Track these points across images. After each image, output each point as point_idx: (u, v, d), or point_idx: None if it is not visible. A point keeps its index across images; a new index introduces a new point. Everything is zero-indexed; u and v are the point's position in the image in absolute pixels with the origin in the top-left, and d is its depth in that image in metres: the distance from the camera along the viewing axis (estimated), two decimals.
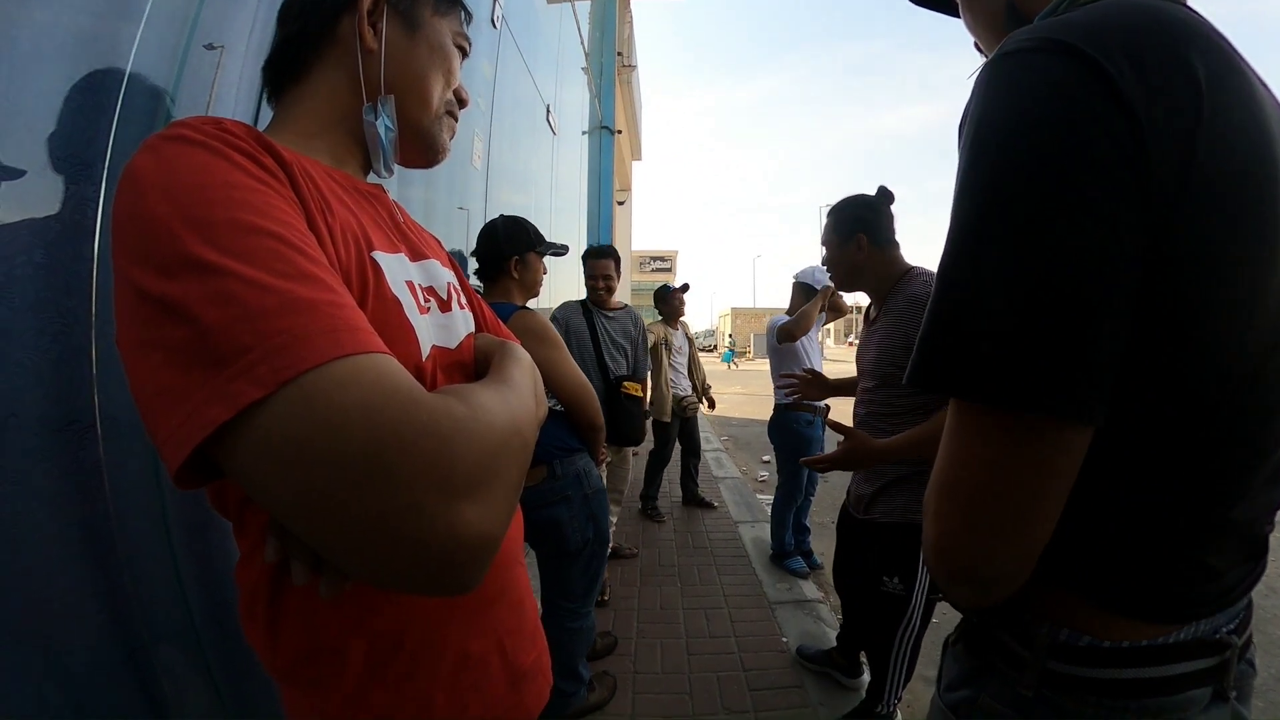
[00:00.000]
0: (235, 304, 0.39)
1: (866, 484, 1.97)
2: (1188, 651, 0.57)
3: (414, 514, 0.39)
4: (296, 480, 0.38)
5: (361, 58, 0.67)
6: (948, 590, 0.60)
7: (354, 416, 0.38)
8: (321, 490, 0.37)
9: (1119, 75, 0.47)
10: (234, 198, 0.45)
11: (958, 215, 0.53)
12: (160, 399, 0.39)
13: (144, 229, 0.42)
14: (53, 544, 0.75)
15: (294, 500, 0.38)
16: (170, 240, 0.41)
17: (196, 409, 0.37)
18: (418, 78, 0.71)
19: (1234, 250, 0.50)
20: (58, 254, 0.75)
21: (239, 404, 0.37)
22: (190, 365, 0.38)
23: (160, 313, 0.40)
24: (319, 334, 0.40)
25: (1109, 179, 0.47)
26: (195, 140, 0.47)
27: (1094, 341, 0.47)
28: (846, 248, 1.94)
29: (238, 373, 0.37)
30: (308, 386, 0.38)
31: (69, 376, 0.77)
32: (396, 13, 0.69)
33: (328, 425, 0.37)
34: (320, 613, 0.56)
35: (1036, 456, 0.50)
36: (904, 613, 1.95)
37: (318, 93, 0.68)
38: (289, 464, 0.37)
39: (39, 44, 0.72)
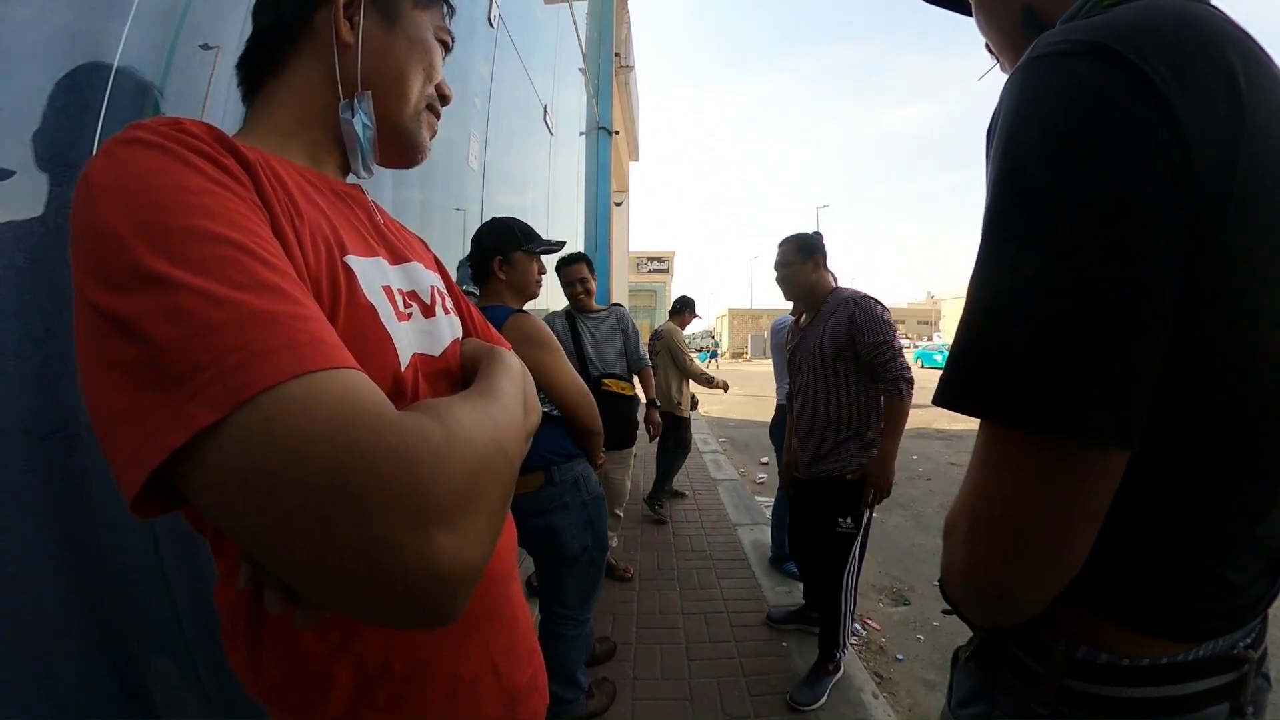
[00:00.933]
0: (188, 320, 0.36)
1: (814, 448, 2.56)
2: (1207, 668, 0.56)
3: (384, 546, 0.36)
4: (257, 510, 0.35)
5: (338, 52, 0.64)
6: (971, 612, 0.58)
7: (317, 440, 0.35)
8: (284, 521, 0.35)
9: (1158, 79, 0.45)
10: (188, 202, 0.42)
11: (992, 226, 0.51)
12: (115, 421, 0.37)
13: (95, 239, 0.40)
14: (39, 553, 0.73)
15: (256, 530, 0.36)
16: (120, 251, 0.39)
17: (151, 433, 0.35)
18: (396, 73, 0.68)
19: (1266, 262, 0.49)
20: (41, 257, 0.73)
21: (192, 427, 0.34)
22: (143, 386, 0.36)
23: (113, 330, 0.37)
24: (279, 349, 0.37)
25: (1153, 189, 0.44)
26: (150, 142, 0.44)
27: (1135, 361, 0.45)
28: (805, 265, 2.59)
29: (191, 394, 0.35)
30: (266, 408, 0.35)
31: (54, 383, 0.75)
32: (374, 6, 0.67)
33: (288, 450, 0.35)
34: (302, 638, 0.53)
35: (1074, 482, 0.48)
36: (849, 550, 2.48)
37: (293, 88, 0.65)
38: (249, 492, 0.35)
39: (21, 41, 0.70)
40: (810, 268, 2.58)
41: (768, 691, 2.53)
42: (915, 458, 7.63)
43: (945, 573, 0.57)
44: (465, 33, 0.72)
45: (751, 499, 5.45)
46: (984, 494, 0.52)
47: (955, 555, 0.55)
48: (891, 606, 3.64)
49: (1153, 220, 0.44)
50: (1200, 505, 0.53)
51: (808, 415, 2.60)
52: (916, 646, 3.14)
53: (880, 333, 2.34)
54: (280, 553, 0.36)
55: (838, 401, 2.48)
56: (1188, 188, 0.45)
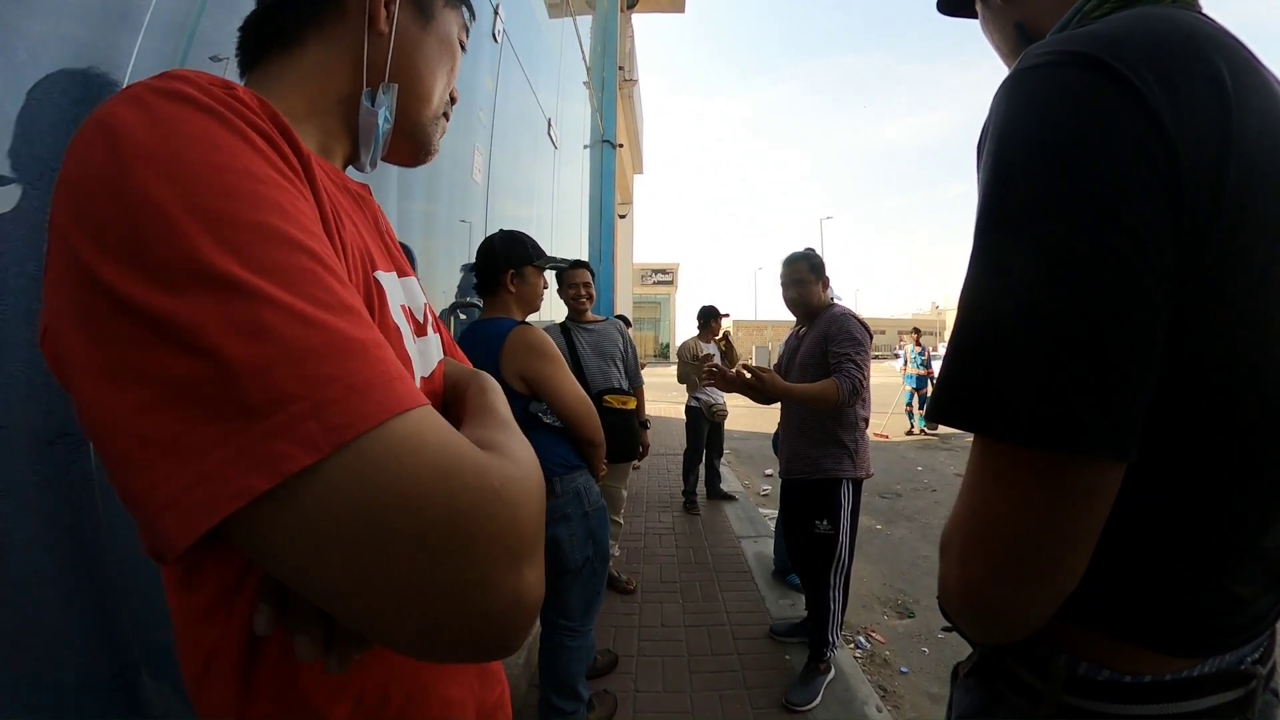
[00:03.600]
0: (272, 339, 0.31)
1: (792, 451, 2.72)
2: (1212, 685, 0.55)
3: (485, 585, 0.35)
4: (356, 559, 0.32)
5: (369, 39, 0.59)
6: (968, 630, 0.58)
7: (431, 486, 0.33)
8: (385, 569, 0.32)
9: (1145, 87, 0.45)
10: (259, 193, 0.36)
11: (981, 238, 0.51)
12: (151, 450, 0.30)
13: (130, 212, 0.32)
14: (44, 557, 0.73)
15: (348, 579, 0.32)
16: (176, 238, 0.32)
17: (217, 471, 0.30)
18: (425, 72, 0.65)
19: (1269, 264, 0.48)
20: None
21: (283, 470, 0.30)
22: (204, 412, 0.30)
23: (154, 334, 0.31)
24: (375, 384, 0.34)
25: (1142, 197, 0.44)
26: (201, 104, 0.37)
27: (1129, 373, 0.45)
28: (816, 284, 2.74)
29: (277, 430, 0.30)
30: (373, 450, 0.32)
31: (61, 389, 0.75)
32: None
33: (406, 495, 0.32)
34: (302, 678, 0.46)
35: (1069, 497, 0.47)
36: (834, 550, 2.59)
37: (308, 68, 0.58)
38: (349, 541, 0.31)
39: (36, 54, 0.72)
40: (820, 287, 2.75)
41: (770, 705, 2.51)
42: (920, 469, 7.59)
43: (942, 591, 0.56)
44: (470, 47, 0.73)
45: (755, 511, 5.42)
46: (978, 511, 0.51)
47: (950, 573, 0.54)
48: (896, 619, 3.61)
49: (1142, 229, 0.44)
50: (1201, 516, 0.52)
51: (790, 420, 2.77)
52: (921, 659, 3.11)
53: (846, 345, 2.49)
54: (374, 599, 0.33)
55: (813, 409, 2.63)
56: (1177, 194, 0.45)
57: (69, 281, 0.34)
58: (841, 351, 2.47)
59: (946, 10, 0.85)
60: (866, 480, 2.70)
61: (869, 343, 2.55)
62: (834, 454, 2.58)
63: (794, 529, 2.81)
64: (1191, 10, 0.55)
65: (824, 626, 2.64)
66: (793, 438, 2.72)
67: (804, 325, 2.82)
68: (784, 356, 2.96)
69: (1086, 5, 0.58)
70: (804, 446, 2.65)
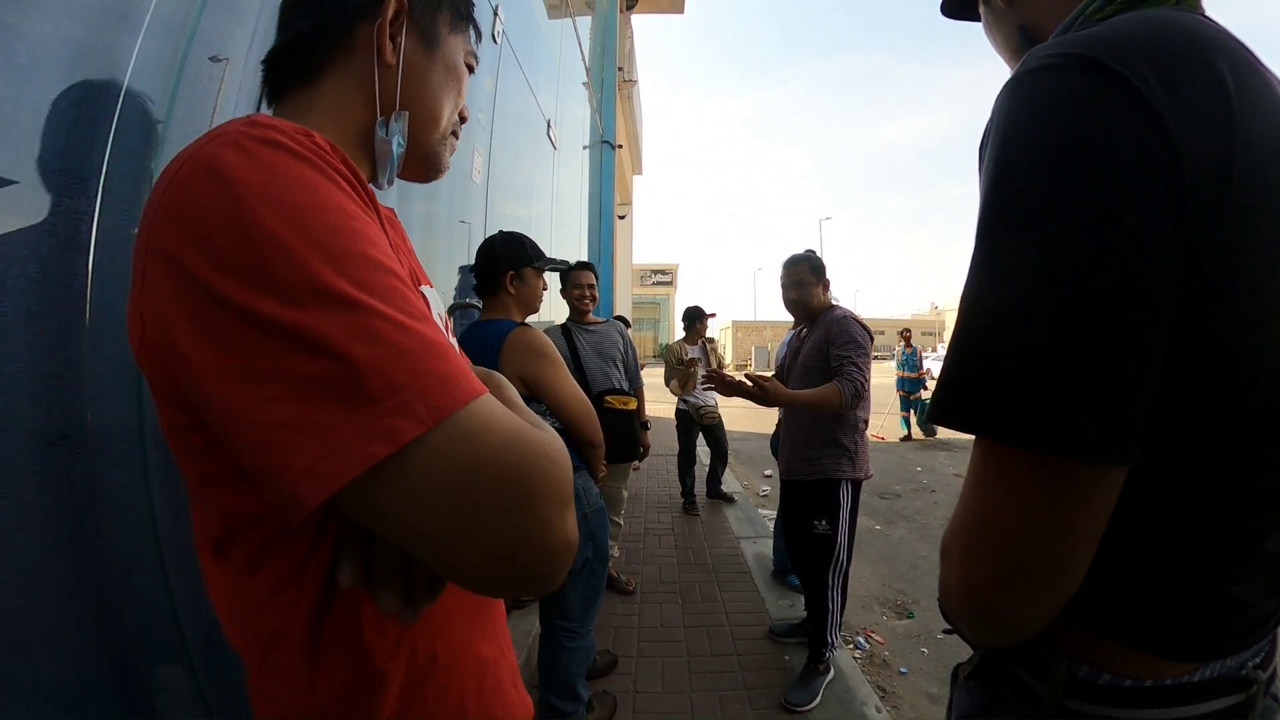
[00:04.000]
0: (385, 343, 0.40)
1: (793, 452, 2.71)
2: (1213, 689, 0.55)
3: (544, 527, 0.44)
4: (452, 509, 0.41)
5: (378, 71, 0.63)
6: (969, 632, 0.57)
7: (505, 449, 0.43)
8: (473, 516, 0.41)
9: (1146, 88, 0.45)
10: (355, 228, 0.44)
11: (983, 240, 0.50)
12: (283, 433, 0.38)
13: (251, 243, 0.40)
14: (43, 558, 0.74)
15: (442, 527, 0.41)
16: (298, 266, 0.40)
17: (345, 443, 0.38)
18: (431, 98, 0.68)
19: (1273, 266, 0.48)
20: (51, 267, 0.74)
21: (400, 440, 0.39)
22: (331, 400, 0.38)
23: (284, 341, 0.39)
24: (457, 375, 0.43)
25: (1144, 199, 0.44)
26: (295, 151, 0.45)
27: (1131, 375, 0.44)
28: (817, 287, 2.74)
29: (392, 410, 0.39)
30: (462, 424, 0.41)
31: (61, 391, 0.76)
32: (416, 28, 0.66)
33: (487, 457, 0.42)
34: (366, 637, 0.53)
35: (1070, 500, 0.47)
36: (832, 551, 2.59)
37: (329, 102, 0.63)
38: (450, 493, 0.40)
39: (36, 54, 0.72)
40: (821, 289, 2.74)
41: (769, 705, 2.51)
42: (920, 469, 7.59)
43: (942, 593, 0.56)
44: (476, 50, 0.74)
45: (754, 511, 5.42)
46: (978, 513, 0.51)
47: (951, 576, 0.54)
48: (895, 619, 3.61)
49: (1144, 230, 0.44)
50: (1202, 519, 0.52)
51: (790, 422, 2.76)
52: (921, 660, 3.11)
53: (848, 349, 2.49)
54: (466, 542, 0.42)
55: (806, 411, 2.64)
56: (1180, 196, 0.44)
57: (189, 301, 0.40)
58: (843, 354, 2.47)
59: (950, 13, 0.85)
60: (866, 481, 2.69)
61: (870, 345, 2.55)
62: (833, 455, 2.58)
63: (793, 529, 2.80)
64: (1194, 13, 0.54)
65: (823, 627, 2.64)
66: (793, 439, 2.73)
67: (805, 327, 2.82)
68: (785, 358, 2.96)
69: (1089, 7, 0.58)
70: (804, 448, 2.66)
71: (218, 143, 0.43)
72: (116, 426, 0.83)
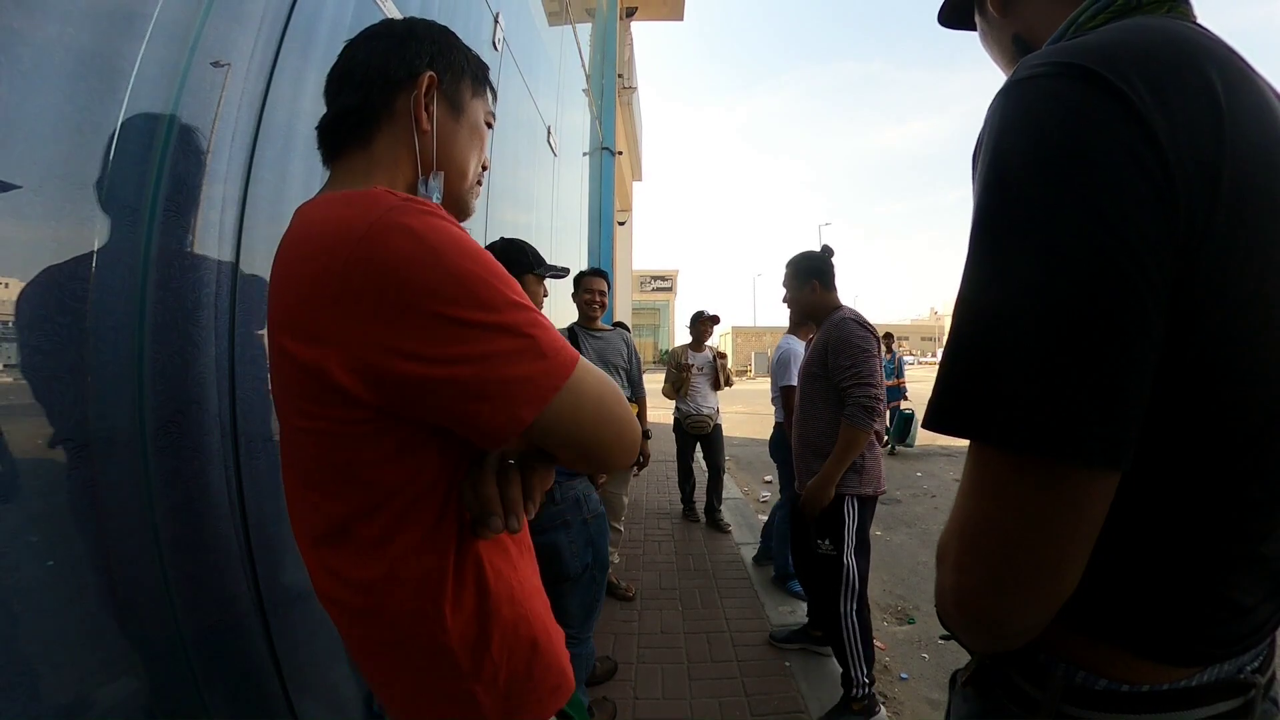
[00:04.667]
0: (542, 326, 0.62)
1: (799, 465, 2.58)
2: (1211, 694, 0.55)
3: (629, 422, 0.71)
4: (594, 410, 0.65)
5: (417, 137, 0.76)
6: (965, 638, 0.57)
7: (603, 384, 0.67)
8: (605, 412, 0.67)
9: (1135, 96, 0.45)
10: (494, 261, 0.63)
11: (975, 249, 0.51)
12: (503, 384, 0.59)
13: (461, 278, 0.58)
14: (43, 562, 0.73)
15: (591, 422, 0.66)
16: (493, 289, 0.60)
17: (542, 382, 0.61)
18: (460, 156, 0.82)
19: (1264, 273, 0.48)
20: (54, 272, 0.74)
21: (566, 374, 0.62)
22: (529, 359, 0.60)
23: (494, 332, 0.59)
24: (567, 345, 0.65)
25: (1136, 206, 0.44)
26: (445, 216, 0.62)
27: (1124, 382, 0.45)
28: (805, 288, 2.61)
29: (558, 362, 0.62)
30: (581, 370, 0.64)
31: (61, 395, 0.76)
32: (444, 96, 0.78)
33: (599, 382, 0.67)
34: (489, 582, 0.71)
35: (1063, 506, 0.47)
36: (840, 573, 2.40)
37: (383, 163, 0.75)
38: (591, 401, 0.65)
39: (41, 60, 0.72)
40: (809, 291, 2.59)
41: (770, 712, 2.50)
42: (920, 475, 7.59)
43: (939, 599, 0.56)
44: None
45: (755, 518, 5.41)
46: (973, 518, 0.51)
47: (946, 581, 0.54)
48: (896, 625, 3.60)
49: (1135, 236, 0.44)
50: (1199, 523, 0.52)
51: (798, 433, 2.61)
52: (921, 665, 3.10)
53: (847, 357, 2.31)
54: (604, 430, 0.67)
55: (812, 420, 2.50)
56: (1171, 202, 0.45)
57: (421, 322, 0.57)
58: (844, 366, 2.30)
59: (947, 23, 0.86)
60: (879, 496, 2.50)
61: (875, 344, 2.36)
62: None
63: (801, 549, 2.69)
64: (1185, 20, 0.55)
65: (844, 661, 2.41)
66: (801, 452, 2.56)
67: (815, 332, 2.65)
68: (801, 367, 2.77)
69: (1081, 16, 0.58)
70: (810, 459, 2.49)
71: (395, 213, 0.59)
72: (118, 430, 0.83)
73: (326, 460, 0.64)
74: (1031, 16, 0.67)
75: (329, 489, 0.66)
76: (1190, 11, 0.57)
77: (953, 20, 0.85)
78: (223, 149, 1.03)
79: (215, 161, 1.02)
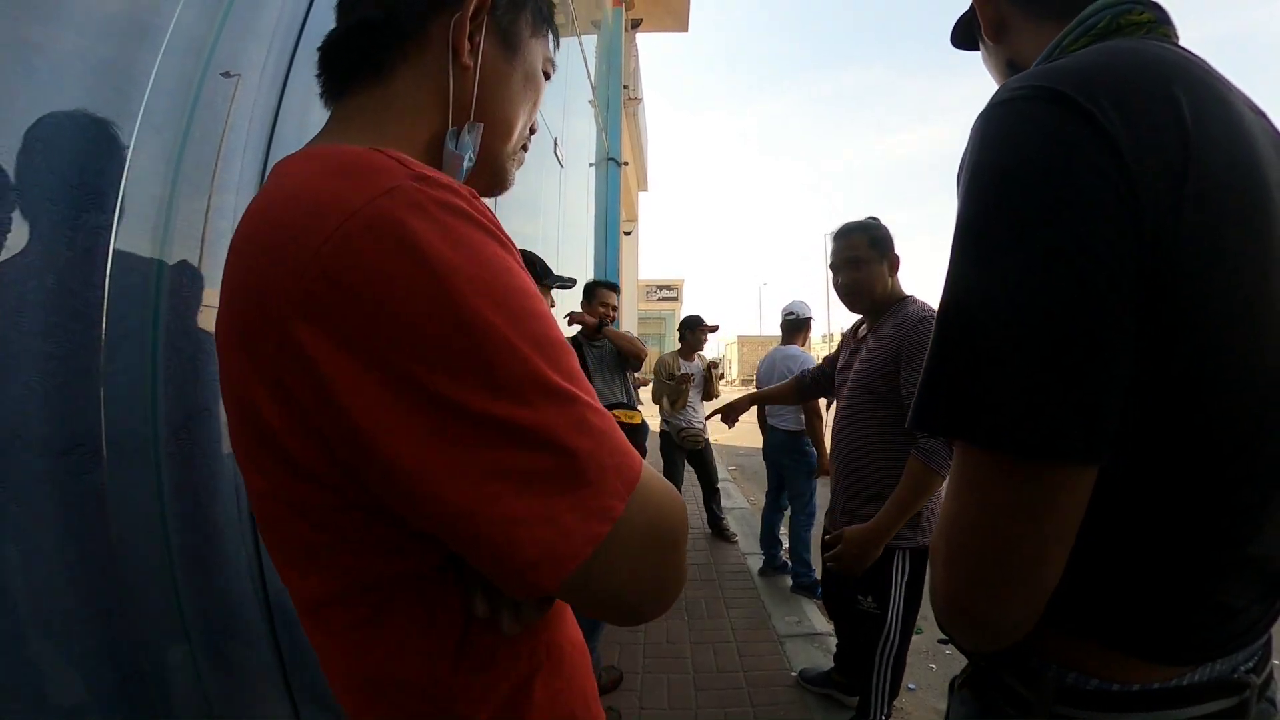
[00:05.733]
0: (594, 431, 0.42)
1: (851, 508, 1.99)
2: (1204, 693, 0.55)
3: (683, 565, 0.49)
4: (639, 563, 0.44)
5: (453, 72, 0.56)
6: (957, 636, 0.59)
7: (668, 509, 0.46)
8: (654, 567, 0.46)
9: (1104, 117, 0.48)
10: (543, 310, 0.44)
11: (956, 260, 0.54)
12: (512, 526, 0.39)
13: (473, 337, 0.38)
14: (54, 566, 0.74)
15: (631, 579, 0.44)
16: (522, 362, 0.39)
17: (573, 529, 0.40)
18: (508, 107, 0.62)
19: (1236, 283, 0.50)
20: (68, 280, 0.75)
21: (613, 516, 0.41)
22: (557, 489, 0.40)
23: (512, 439, 0.39)
24: (626, 447, 0.45)
25: (1101, 219, 0.47)
26: (479, 221, 0.43)
27: (1096, 384, 0.47)
28: (880, 265, 1.99)
29: (605, 491, 0.41)
30: (642, 491, 0.44)
31: (75, 401, 0.77)
32: (496, 27, 0.59)
33: (659, 518, 0.45)
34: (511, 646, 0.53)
35: (1041, 501, 0.49)
36: (881, 630, 2.02)
37: (401, 106, 0.56)
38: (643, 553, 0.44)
39: (58, 71, 0.73)
40: (884, 269, 2.00)
41: None
42: None
43: (932, 599, 0.58)
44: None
45: None
46: (957, 517, 0.54)
47: (937, 580, 0.56)
48: None
49: (1101, 245, 0.47)
50: (1187, 525, 0.53)
51: (837, 454, 2.08)
52: (929, 675, 3.08)
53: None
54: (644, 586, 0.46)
55: (864, 445, 1.94)
56: (1134, 214, 0.48)
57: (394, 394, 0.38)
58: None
59: (959, 45, 0.91)
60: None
61: None
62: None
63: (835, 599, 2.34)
64: (1165, 41, 0.59)
65: (866, 707, 2.14)
66: (844, 480, 2.03)
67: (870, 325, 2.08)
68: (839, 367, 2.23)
69: (1065, 40, 0.62)
70: (854, 498, 1.97)
71: (394, 201, 0.39)
72: (130, 437, 0.83)
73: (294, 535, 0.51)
74: (1020, 43, 0.71)
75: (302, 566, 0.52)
76: (1171, 32, 0.61)
77: (964, 43, 0.90)
78: (234, 159, 1.05)
79: (227, 171, 1.03)
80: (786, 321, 4.22)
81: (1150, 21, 0.60)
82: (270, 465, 0.45)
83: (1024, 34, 0.70)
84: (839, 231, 2.10)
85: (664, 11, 10.53)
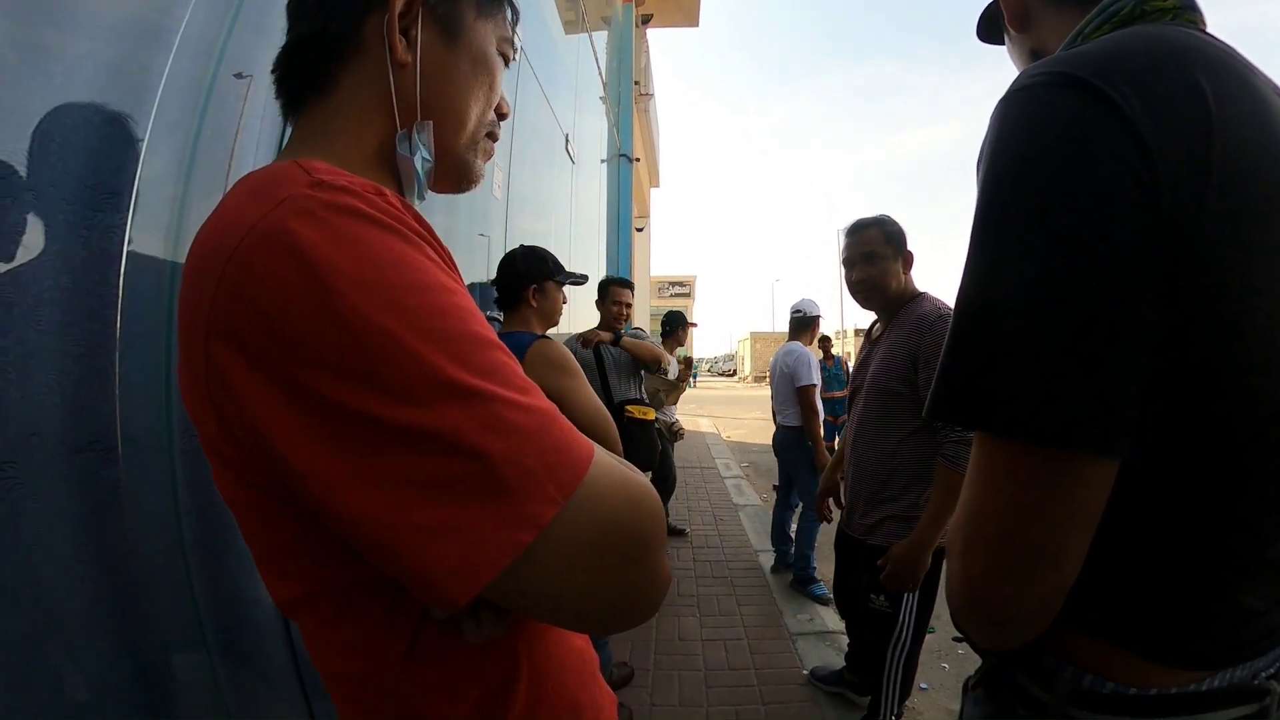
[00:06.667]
0: (512, 430, 0.38)
1: (870, 514, 2.00)
2: (1223, 699, 0.54)
3: (655, 573, 0.46)
4: (590, 570, 0.41)
5: (392, 73, 0.55)
6: (972, 631, 0.58)
7: (627, 509, 0.43)
8: (608, 573, 0.43)
9: (1125, 102, 0.47)
10: (456, 304, 0.41)
11: (975, 249, 0.53)
12: (424, 536, 0.37)
13: (360, 340, 0.36)
14: (70, 562, 0.75)
15: (583, 590, 0.42)
16: (414, 361, 0.37)
17: (489, 538, 0.37)
18: (457, 96, 0.59)
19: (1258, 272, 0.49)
20: (84, 279, 0.76)
21: (540, 523, 0.38)
22: (471, 497, 0.37)
23: (411, 444, 0.37)
24: (570, 440, 0.42)
25: (1122, 206, 0.47)
26: (375, 218, 0.41)
27: (1115, 373, 0.46)
28: (895, 262, 1.98)
29: (529, 496, 0.38)
30: (588, 492, 0.40)
31: (91, 399, 0.78)
32: (433, 18, 0.57)
33: (612, 520, 0.42)
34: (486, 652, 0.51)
35: (1061, 492, 0.48)
36: (893, 629, 2.01)
37: (347, 115, 0.55)
38: (589, 556, 0.41)
39: (71, 74, 0.74)
40: (901, 266, 1.98)
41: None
42: None
43: (947, 592, 0.57)
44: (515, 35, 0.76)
45: None
46: (975, 506, 0.53)
47: (953, 572, 0.55)
48: None
49: (1122, 234, 0.46)
50: (1207, 527, 0.52)
51: (853, 458, 2.07)
52: (941, 675, 3.05)
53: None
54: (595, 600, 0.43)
55: (884, 450, 1.93)
56: (1155, 200, 0.47)
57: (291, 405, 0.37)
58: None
59: (985, 38, 0.91)
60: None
61: None
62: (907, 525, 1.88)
63: (846, 595, 2.30)
64: (1190, 26, 0.57)
65: (877, 705, 2.14)
66: (858, 478, 2.02)
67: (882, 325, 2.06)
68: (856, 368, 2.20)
69: (1087, 28, 0.61)
70: (870, 500, 1.97)
71: (284, 211, 0.39)
72: (145, 433, 0.85)
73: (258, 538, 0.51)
74: (1043, 32, 0.71)
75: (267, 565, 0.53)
76: (1198, 18, 0.59)
77: (990, 36, 0.89)
78: (247, 159, 1.06)
79: (240, 171, 1.04)
80: (794, 319, 4.26)
81: (1175, 8, 0.58)
82: (222, 474, 0.47)
83: (1047, 22, 0.70)
84: (852, 227, 2.08)
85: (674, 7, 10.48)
